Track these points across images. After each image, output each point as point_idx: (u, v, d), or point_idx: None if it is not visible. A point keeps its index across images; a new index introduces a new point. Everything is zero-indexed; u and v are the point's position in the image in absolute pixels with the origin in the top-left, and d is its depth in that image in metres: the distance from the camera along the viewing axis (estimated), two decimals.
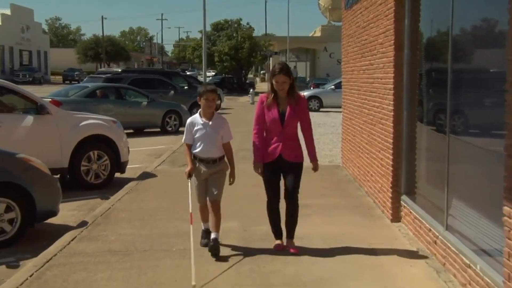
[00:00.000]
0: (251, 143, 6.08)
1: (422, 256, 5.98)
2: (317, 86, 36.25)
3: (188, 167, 6.02)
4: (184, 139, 6.13)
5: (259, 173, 6.02)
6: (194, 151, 6.04)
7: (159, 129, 19.67)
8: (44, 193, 7.03)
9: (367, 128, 8.94)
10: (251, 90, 37.63)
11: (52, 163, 8.59)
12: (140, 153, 14.24)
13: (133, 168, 11.41)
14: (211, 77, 52.87)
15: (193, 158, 6.06)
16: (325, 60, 55.13)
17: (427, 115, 6.95)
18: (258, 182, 6.27)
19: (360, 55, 9.55)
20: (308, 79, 52.78)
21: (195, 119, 6.07)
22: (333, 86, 29.75)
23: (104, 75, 28.33)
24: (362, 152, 9.38)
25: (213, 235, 5.95)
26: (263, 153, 5.95)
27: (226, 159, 6.12)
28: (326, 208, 8.02)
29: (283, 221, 6.15)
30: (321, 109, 29.05)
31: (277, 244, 6.13)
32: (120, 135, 10.55)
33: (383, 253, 6.05)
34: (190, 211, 5.76)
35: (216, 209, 5.98)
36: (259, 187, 6.07)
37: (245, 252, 6.06)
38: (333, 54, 51.06)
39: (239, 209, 7.55)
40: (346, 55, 11.29)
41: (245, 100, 38.83)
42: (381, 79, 7.88)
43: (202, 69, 31.69)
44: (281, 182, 6.08)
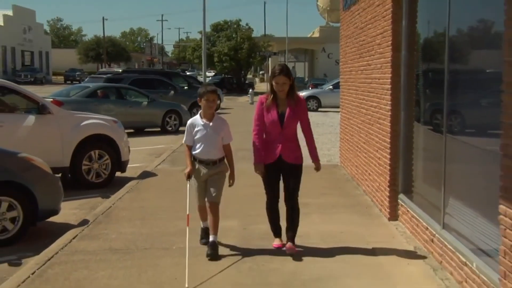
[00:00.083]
0: (250, 143, 6.06)
1: (419, 254, 5.98)
2: (315, 86, 36.26)
3: (188, 168, 5.96)
4: (184, 140, 6.07)
5: (259, 174, 5.96)
6: (194, 153, 5.97)
7: (159, 129, 19.68)
8: (45, 192, 7.03)
9: (365, 127, 8.94)
10: (250, 90, 37.63)
11: (53, 162, 8.58)
12: (140, 152, 14.24)
13: (133, 167, 11.41)
14: (210, 77, 52.89)
15: (192, 160, 6.00)
16: (323, 60, 55.14)
17: (424, 115, 6.95)
18: (257, 182, 6.26)
19: (358, 56, 9.55)
20: (306, 79, 52.78)
21: (195, 120, 6.00)
22: (331, 86, 29.77)
23: (105, 76, 28.31)
24: (360, 152, 9.38)
25: (211, 238, 5.92)
26: (263, 155, 5.89)
27: (226, 161, 6.07)
28: (325, 206, 8.01)
29: (282, 219, 6.11)
30: (320, 109, 29.07)
31: (276, 242, 6.12)
32: (120, 134, 10.54)
33: (380, 251, 6.05)
34: (188, 212, 5.75)
35: (214, 210, 5.92)
36: (258, 187, 6.07)
37: (245, 251, 6.05)
38: (331, 54, 51.11)
39: (238, 208, 7.55)
40: (344, 55, 11.29)
41: (244, 100, 38.84)
42: (378, 79, 7.88)
43: (202, 70, 31.67)
44: (280, 182, 6.04)
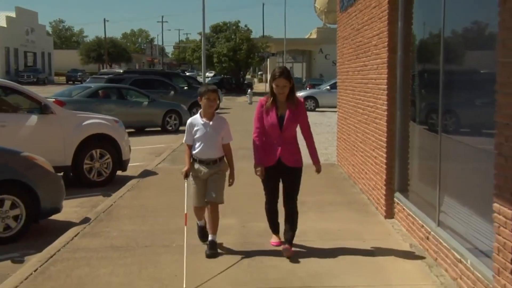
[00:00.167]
0: (249, 142, 6.04)
1: (414, 251, 5.98)
2: (313, 86, 36.24)
3: (186, 167, 5.86)
4: (184, 140, 5.96)
5: (259, 176, 5.83)
6: (193, 152, 5.86)
7: (159, 128, 19.67)
8: (48, 190, 7.03)
9: (361, 127, 8.95)
10: (249, 91, 37.65)
11: (55, 161, 8.58)
12: (141, 151, 14.24)
13: (134, 166, 11.40)
14: (210, 78, 52.84)
15: (192, 160, 5.89)
16: (320, 61, 55.11)
17: (419, 114, 6.95)
18: (256, 180, 6.24)
19: (354, 57, 9.55)
20: (304, 79, 52.75)
21: (195, 120, 5.90)
22: (328, 87, 29.79)
23: (106, 76, 28.30)
24: (356, 151, 9.38)
25: (210, 237, 5.90)
26: (263, 155, 5.78)
27: (225, 160, 5.98)
28: (322, 205, 8.02)
29: (280, 216, 6.03)
30: (317, 109, 29.08)
31: (274, 240, 6.11)
32: (121, 134, 10.54)
33: (377, 248, 6.06)
34: (185, 211, 5.68)
35: (215, 210, 5.87)
36: (257, 186, 6.05)
37: (243, 248, 6.05)
38: (329, 55, 51.08)
39: (238, 206, 7.54)
40: (341, 56, 11.29)
41: (243, 100, 38.84)
42: (375, 79, 7.88)
43: (202, 70, 31.65)
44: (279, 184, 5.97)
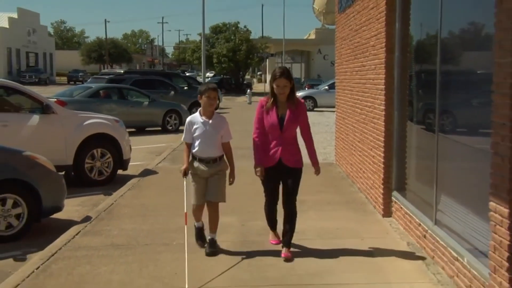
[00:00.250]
0: (249, 141, 6.02)
1: (412, 249, 5.98)
2: (311, 86, 36.24)
3: (184, 165, 5.76)
4: (183, 138, 5.87)
5: (259, 176, 5.74)
6: (193, 151, 5.78)
7: (160, 128, 19.67)
8: (49, 189, 7.02)
9: (359, 127, 8.94)
10: (248, 91, 37.66)
11: (57, 161, 8.58)
12: (141, 151, 14.24)
13: (135, 166, 11.39)
14: (210, 78, 52.81)
15: (192, 158, 5.81)
16: (319, 62, 55.10)
17: (417, 114, 6.95)
18: (256, 179, 6.21)
19: (353, 57, 9.55)
20: (302, 80, 52.75)
21: (194, 118, 5.81)
22: (327, 87, 29.78)
23: (107, 76, 28.29)
24: (354, 150, 9.38)
25: (210, 236, 5.88)
26: (263, 156, 5.69)
27: (225, 159, 5.91)
28: (321, 203, 8.02)
29: (279, 215, 5.96)
30: (316, 109, 29.06)
31: (272, 237, 6.09)
32: (122, 133, 10.53)
33: (375, 246, 6.06)
34: (185, 210, 5.63)
35: (215, 210, 5.83)
36: (257, 184, 6.03)
37: (243, 246, 6.05)
38: (327, 56, 51.04)
39: (237, 205, 7.52)
40: (339, 57, 11.28)
41: (242, 100, 38.84)
42: (373, 80, 7.88)
43: (201, 71, 31.64)
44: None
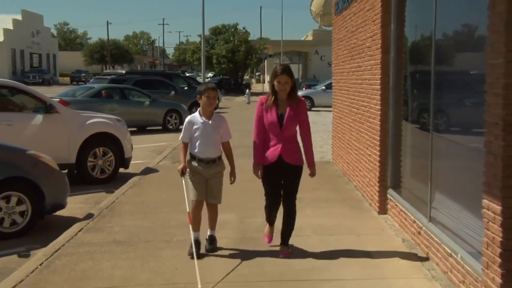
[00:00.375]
0: (248, 140, 6.00)
1: (407, 246, 5.99)
2: (309, 86, 36.24)
3: (181, 164, 5.63)
4: (181, 137, 5.71)
5: (258, 175, 5.61)
6: (193, 151, 5.64)
7: (160, 127, 19.66)
8: (53, 187, 7.02)
9: (355, 126, 8.95)
10: (247, 91, 37.68)
11: (60, 159, 8.57)
12: (143, 149, 14.23)
13: (136, 164, 11.39)
14: (209, 78, 52.81)
15: (190, 158, 5.67)
16: (316, 62, 55.03)
17: (411, 114, 6.95)
18: (255, 177, 6.22)
19: (349, 58, 9.55)
20: (300, 80, 52.72)
21: (194, 118, 5.65)
22: (324, 87, 29.75)
23: (109, 77, 28.24)
24: (351, 149, 9.38)
25: (209, 232, 5.85)
26: (262, 155, 5.54)
27: (223, 159, 5.78)
28: (318, 201, 8.02)
29: (279, 212, 5.86)
30: (313, 109, 29.02)
31: (267, 232, 5.97)
32: (124, 132, 10.53)
33: (370, 243, 6.06)
34: (188, 210, 5.57)
35: (214, 210, 5.79)
36: (256, 182, 5.98)
37: (242, 243, 6.05)
38: (324, 57, 50.99)
39: (236, 202, 7.52)
40: (336, 57, 11.28)
41: (241, 100, 38.81)
42: (369, 80, 7.88)
43: (201, 71, 31.62)
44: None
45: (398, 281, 4.99)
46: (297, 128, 5.62)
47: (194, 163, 5.66)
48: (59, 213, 7.33)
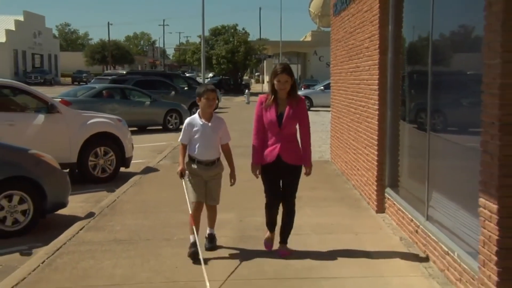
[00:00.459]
0: (247, 140, 5.97)
1: (404, 244, 5.98)
2: (307, 87, 36.25)
3: (180, 166, 5.56)
4: (180, 139, 5.64)
5: (256, 175, 5.54)
6: (192, 153, 5.56)
7: (161, 127, 19.65)
8: (54, 186, 7.01)
9: (354, 126, 8.94)
10: (246, 91, 37.70)
11: (61, 159, 8.56)
12: (143, 149, 14.23)
13: (137, 163, 11.39)
14: (209, 79, 52.81)
15: (189, 160, 5.59)
16: (315, 63, 55.02)
17: (409, 114, 6.95)
18: (254, 177, 6.20)
19: (347, 58, 9.54)
20: (299, 80, 52.73)
21: (194, 120, 5.56)
22: (322, 87, 29.77)
23: (110, 77, 28.26)
24: (349, 148, 9.38)
25: (208, 231, 5.84)
26: (261, 155, 5.45)
27: (221, 161, 5.71)
28: (316, 200, 8.01)
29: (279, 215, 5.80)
30: (311, 109, 29.01)
31: (267, 240, 5.78)
32: (125, 132, 10.52)
33: (368, 242, 6.05)
34: (190, 212, 5.52)
35: (213, 210, 5.76)
36: (255, 181, 5.95)
37: (241, 241, 6.04)
38: (322, 57, 50.97)
39: (236, 202, 7.51)
40: (334, 58, 11.28)
41: (240, 100, 38.82)
42: (367, 80, 7.88)
43: (201, 71, 31.61)
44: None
45: (395, 279, 4.99)
46: (297, 127, 5.56)
47: (193, 165, 5.59)
48: (61, 212, 7.33)
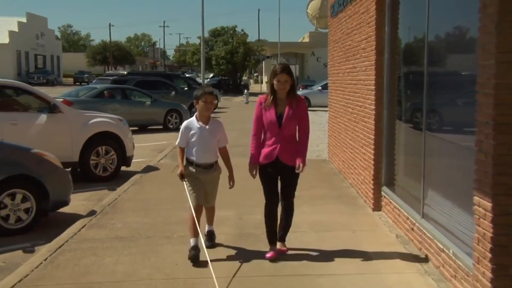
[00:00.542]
0: (245, 139, 5.96)
1: (400, 241, 5.99)
2: (305, 87, 36.23)
3: (179, 169, 5.48)
4: (177, 142, 5.54)
5: (252, 175, 5.43)
6: (190, 157, 5.47)
7: (161, 127, 19.65)
8: (56, 184, 7.01)
9: (351, 125, 8.95)
10: (245, 91, 37.71)
11: (64, 158, 8.56)
12: (144, 148, 14.22)
13: (137, 162, 11.39)
14: (209, 79, 52.79)
15: (187, 164, 5.51)
16: (312, 63, 54.98)
17: (405, 113, 6.95)
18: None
19: (344, 59, 9.55)
20: (297, 81, 52.66)
21: (191, 123, 5.46)
22: (320, 87, 29.79)
23: (111, 77, 28.14)
24: (346, 147, 9.39)
25: (208, 228, 5.83)
26: (259, 155, 5.36)
27: (219, 163, 5.64)
28: (314, 198, 8.02)
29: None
30: (309, 108, 28.88)
31: (270, 253, 5.48)
32: (126, 132, 10.52)
33: (365, 239, 6.06)
34: (194, 215, 5.41)
35: (212, 210, 5.74)
36: (254, 180, 5.90)
37: (241, 239, 6.05)
38: (320, 58, 50.91)
39: (234, 200, 7.49)
40: (332, 59, 11.28)
41: (239, 100, 38.81)
42: (363, 80, 7.88)
43: (201, 72, 31.60)
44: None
45: (391, 276, 5.00)
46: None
47: (191, 168, 5.49)
48: (63, 210, 7.33)
